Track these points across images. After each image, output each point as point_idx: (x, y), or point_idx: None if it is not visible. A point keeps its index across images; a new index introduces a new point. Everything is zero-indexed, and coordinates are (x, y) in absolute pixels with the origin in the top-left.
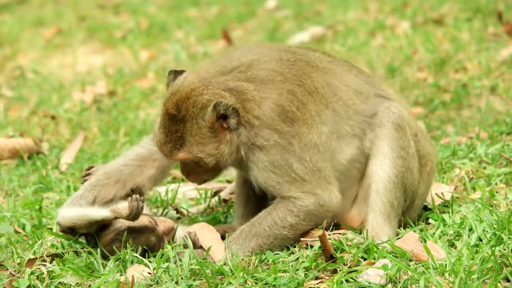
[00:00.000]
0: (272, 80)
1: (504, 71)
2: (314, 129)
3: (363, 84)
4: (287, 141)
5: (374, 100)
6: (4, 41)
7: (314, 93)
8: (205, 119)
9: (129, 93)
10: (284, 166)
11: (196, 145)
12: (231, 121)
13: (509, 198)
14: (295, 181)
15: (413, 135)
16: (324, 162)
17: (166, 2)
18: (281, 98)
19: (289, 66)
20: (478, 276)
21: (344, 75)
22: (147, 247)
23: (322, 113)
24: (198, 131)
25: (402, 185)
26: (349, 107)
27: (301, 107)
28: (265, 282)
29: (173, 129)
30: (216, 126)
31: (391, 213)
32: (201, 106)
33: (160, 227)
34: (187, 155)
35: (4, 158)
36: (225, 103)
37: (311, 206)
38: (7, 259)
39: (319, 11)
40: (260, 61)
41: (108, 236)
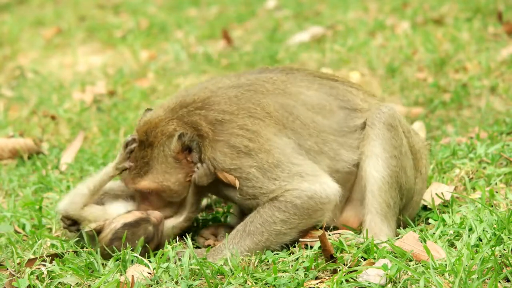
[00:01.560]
0: (221, 121)
1: (504, 71)
2: (275, 150)
3: (325, 98)
4: (245, 173)
5: (339, 114)
6: (4, 41)
7: (267, 118)
8: (171, 148)
9: (129, 93)
10: (255, 191)
11: (162, 174)
12: (193, 156)
13: (509, 198)
14: (273, 191)
15: (406, 132)
16: (300, 166)
17: (166, 2)
18: (231, 139)
19: (236, 102)
20: (478, 276)
21: (300, 93)
22: (146, 238)
23: (280, 133)
24: (164, 159)
25: (397, 185)
26: (307, 125)
27: (254, 137)
28: (265, 282)
29: (140, 155)
30: (181, 158)
31: (388, 213)
32: (168, 134)
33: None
34: (150, 183)
35: (4, 158)
36: (190, 135)
37: (297, 200)
38: (7, 259)
39: (319, 11)
40: (210, 100)
41: (107, 237)
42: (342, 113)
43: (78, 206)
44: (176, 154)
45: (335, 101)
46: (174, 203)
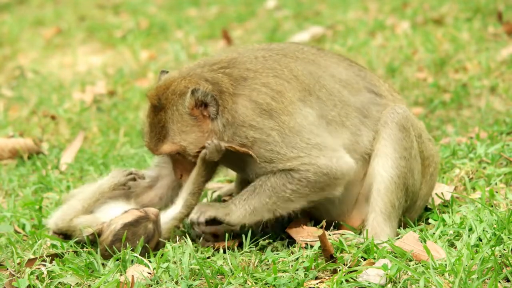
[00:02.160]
0: (245, 78)
1: (504, 71)
2: (297, 113)
3: (353, 76)
4: (266, 134)
5: (365, 94)
6: (4, 41)
7: (293, 80)
8: (185, 105)
9: (129, 93)
10: (273, 155)
11: (179, 134)
12: (211, 109)
13: (509, 198)
14: (290, 159)
15: (417, 136)
16: (320, 136)
17: (166, 2)
18: (252, 93)
19: (263, 62)
20: (478, 276)
21: (329, 66)
22: (147, 237)
23: (305, 99)
24: (179, 118)
25: (403, 186)
26: (333, 95)
27: (277, 97)
28: (265, 282)
29: (156, 120)
30: (196, 114)
31: (391, 214)
32: (179, 93)
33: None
34: (171, 146)
35: (4, 158)
36: (203, 90)
37: (311, 177)
38: (7, 259)
39: (319, 11)
40: (237, 61)
41: (107, 239)
42: (368, 95)
43: (68, 218)
44: (190, 111)
45: (363, 82)
46: None
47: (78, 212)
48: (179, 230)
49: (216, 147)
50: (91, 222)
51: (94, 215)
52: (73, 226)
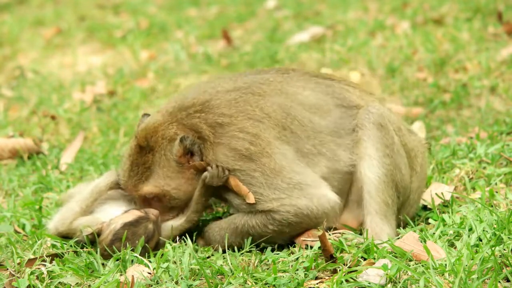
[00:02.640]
0: (221, 124)
1: (504, 71)
2: (276, 153)
3: (321, 97)
4: (250, 176)
5: (336, 112)
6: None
7: (266, 119)
8: (173, 152)
9: (129, 93)
10: (257, 195)
11: (163, 178)
12: (195, 159)
13: (509, 198)
14: (272, 200)
15: (396, 130)
16: (301, 174)
17: (166, 2)
18: (231, 141)
19: (235, 105)
20: (478, 276)
21: (297, 93)
22: (147, 237)
23: (280, 135)
24: (166, 163)
25: (393, 183)
26: (305, 126)
27: (254, 140)
28: (265, 282)
29: (141, 161)
30: (183, 161)
31: (387, 212)
32: (169, 138)
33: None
34: (152, 188)
35: (4, 158)
36: (192, 139)
37: (292, 218)
38: (7, 259)
39: (319, 11)
40: (210, 104)
41: (107, 239)
42: (339, 111)
43: (67, 222)
44: (178, 158)
45: (332, 100)
46: (176, 208)
47: (77, 214)
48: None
49: (219, 173)
50: (91, 223)
51: (94, 216)
52: (73, 228)
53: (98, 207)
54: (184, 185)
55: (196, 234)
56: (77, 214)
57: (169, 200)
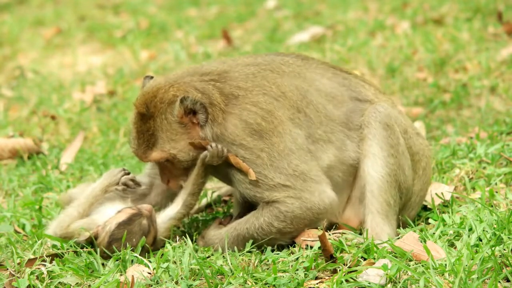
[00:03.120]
0: (236, 96)
1: (504, 71)
2: (287, 135)
3: (337, 87)
4: (255, 155)
5: (349, 104)
6: (4, 41)
7: (281, 97)
8: (173, 114)
9: (129, 93)
10: (260, 178)
11: (168, 142)
12: (200, 117)
13: (509, 198)
14: (276, 188)
15: (402, 132)
16: (307, 164)
17: (166, 2)
18: (243, 113)
19: (252, 79)
20: (478, 276)
21: (315, 79)
22: (143, 233)
23: (294, 117)
24: (168, 126)
25: (396, 183)
26: (319, 112)
27: (267, 116)
28: (265, 282)
29: (144, 128)
30: (185, 121)
31: (389, 212)
32: (168, 101)
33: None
34: (160, 153)
35: (4, 158)
36: (192, 98)
37: (297, 211)
38: (7, 259)
39: (319, 11)
40: (228, 75)
41: (104, 241)
42: (352, 104)
43: (65, 225)
44: (180, 119)
45: (347, 92)
46: (192, 169)
47: (74, 218)
48: (178, 230)
49: (218, 152)
50: (88, 225)
51: (91, 217)
52: (70, 232)
53: (94, 209)
54: (189, 146)
55: (196, 234)
56: (75, 218)
57: (179, 162)
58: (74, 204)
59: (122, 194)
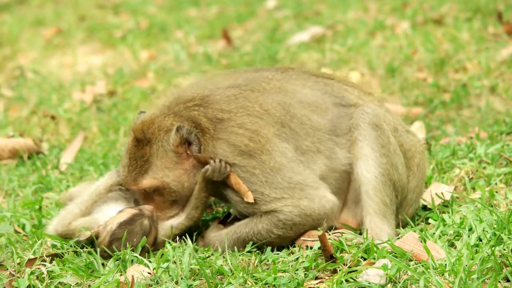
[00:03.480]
0: (221, 119)
1: (504, 71)
2: (276, 151)
3: (319, 96)
4: (249, 173)
5: (334, 111)
6: (4, 41)
7: (265, 115)
8: (169, 142)
9: (129, 93)
10: (257, 196)
11: (162, 170)
12: (193, 148)
13: (509, 198)
14: (274, 200)
15: (392, 130)
16: (301, 174)
17: (166, 2)
18: (230, 137)
19: (234, 100)
20: (478, 276)
21: (296, 91)
22: (144, 233)
23: (280, 132)
24: (164, 154)
25: (390, 182)
26: (304, 124)
27: (254, 136)
28: (265, 282)
29: (139, 154)
30: (180, 151)
31: (386, 212)
32: (165, 129)
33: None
34: (152, 181)
35: (4, 158)
36: (188, 128)
37: (296, 218)
38: (7, 259)
39: (319, 11)
40: (209, 99)
41: (105, 240)
42: (337, 110)
43: (66, 222)
44: (175, 148)
45: (330, 98)
46: (178, 202)
47: (76, 216)
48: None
49: (221, 168)
50: (90, 224)
51: (93, 216)
52: (72, 229)
53: (97, 207)
54: (183, 176)
55: (196, 234)
56: (77, 216)
57: (169, 193)
58: (76, 201)
59: (125, 194)
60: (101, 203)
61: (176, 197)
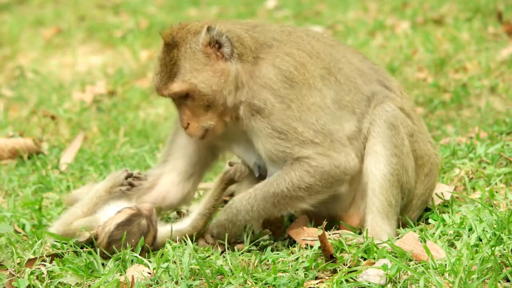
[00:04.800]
0: (270, 45)
1: (504, 71)
2: (317, 91)
3: (367, 67)
4: (286, 105)
5: (376, 86)
6: (4, 41)
7: (315, 56)
8: (198, 42)
9: (129, 93)
10: (289, 131)
11: (190, 72)
12: (225, 50)
13: (509, 198)
14: (305, 144)
15: (408, 134)
16: (334, 125)
17: (166, 2)
18: (276, 60)
19: (287, 34)
20: (478, 276)
21: (346, 54)
22: (142, 233)
23: (325, 77)
24: (192, 55)
25: (398, 183)
26: (350, 80)
27: (300, 67)
28: (265, 282)
29: (168, 59)
30: (210, 52)
31: (389, 212)
32: (194, 31)
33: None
34: (181, 84)
35: (4, 158)
36: (219, 30)
37: (326, 166)
38: (7, 259)
39: (319, 11)
40: (263, 28)
41: (103, 242)
42: (379, 87)
43: (68, 223)
44: (204, 48)
45: (375, 75)
46: (213, 109)
47: (78, 217)
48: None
49: (242, 168)
50: (91, 223)
51: (94, 216)
52: (73, 229)
53: (99, 207)
54: (211, 79)
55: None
56: (78, 217)
57: (200, 96)
58: (78, 204)
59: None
60: (102, 204)
61: (207, 101)
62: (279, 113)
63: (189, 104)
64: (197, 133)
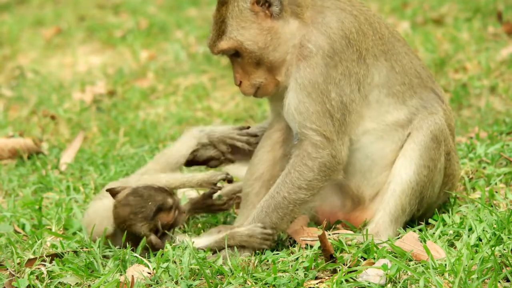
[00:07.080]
0: (333, 8)
1: (504, 71)
2: (364, 64)
3: (424, 74)
4: (334, 63)
5: (430, 93)
6: (4, 41)
7: (378, 34)
8: (246, 1)
9: (129, 93)
10: (323, 92)
11: (236, 29)
12: (274, 9)
13: (509, 198)
14: (323, 115)
15: (446, 152)
16: (356, 106)
17: (166, 2)
18: (342, 14)
19: (358, 9)
20: (478, 276)
21: (410, 54)
22: (163, 206)
23: (379, 59)
24: (239, 13)
25: (420, 194)
26: (406, 73)
27: (361, 34)
28: (265, 282)
29: (218, 16)
30: (257, 10)
31: (399, 217)
32: None
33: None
34: (227, 41)
35: (4, 158)
36: None
37: (325, 157)
38: (7, 259)
39: None
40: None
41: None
42: (433, 95)
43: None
44: (251, 6)
45: (431, 83)
46: (263, 68)
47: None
48: (180, 229)
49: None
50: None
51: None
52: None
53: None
54: (258, 37)
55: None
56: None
57: (247, 53)
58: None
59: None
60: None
61: (255, 59)
62: (326, 70)
63: (240, 62)
64: (249, 91)
